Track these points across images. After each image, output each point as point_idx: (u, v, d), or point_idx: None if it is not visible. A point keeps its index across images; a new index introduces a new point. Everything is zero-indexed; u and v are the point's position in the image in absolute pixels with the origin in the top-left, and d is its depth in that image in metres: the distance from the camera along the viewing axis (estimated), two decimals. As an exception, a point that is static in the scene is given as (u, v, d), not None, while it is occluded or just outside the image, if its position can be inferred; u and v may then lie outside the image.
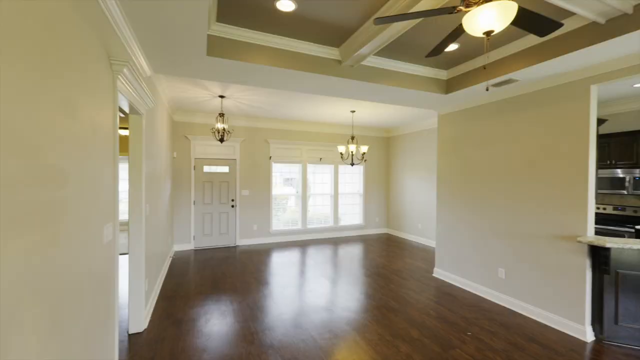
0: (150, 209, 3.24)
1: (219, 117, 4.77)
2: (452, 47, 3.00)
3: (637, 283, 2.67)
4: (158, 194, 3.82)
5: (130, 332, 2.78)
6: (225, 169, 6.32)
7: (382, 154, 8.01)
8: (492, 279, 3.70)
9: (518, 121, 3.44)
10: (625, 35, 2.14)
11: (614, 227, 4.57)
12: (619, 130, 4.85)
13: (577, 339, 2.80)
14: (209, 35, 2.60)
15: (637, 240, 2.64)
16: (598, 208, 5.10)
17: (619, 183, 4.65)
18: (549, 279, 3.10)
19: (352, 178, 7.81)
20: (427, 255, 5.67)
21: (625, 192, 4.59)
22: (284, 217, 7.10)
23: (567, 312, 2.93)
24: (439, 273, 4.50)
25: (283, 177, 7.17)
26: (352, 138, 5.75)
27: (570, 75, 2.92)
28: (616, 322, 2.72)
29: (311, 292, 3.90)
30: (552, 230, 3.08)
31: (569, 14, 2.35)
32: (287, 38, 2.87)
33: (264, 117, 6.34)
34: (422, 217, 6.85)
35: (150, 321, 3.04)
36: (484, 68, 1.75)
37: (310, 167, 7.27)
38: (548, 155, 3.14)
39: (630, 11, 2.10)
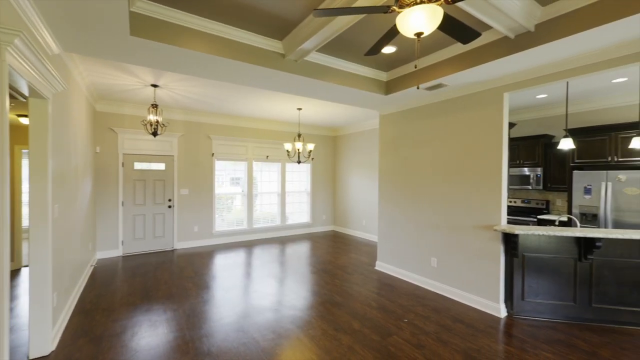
0: (61, 211, 2.78)
1: (151, 109, 4.32)
2: (390, 49, 3.16)
3: (538, 264, 3.13)
4: (73, 194, 3.30)
5: (31, 358, 2.33)
6: (160, 166, 5.78)
7: (329, 152, 8.16)
8: (426, 268, 4.01)
9: (447, 123, 3.78)
10: (529, 50, 2.48)
11: (522, 218, 5.33)
12: (525, 135, 5.67)
13: (493, 315, 3.18)
14: (133, 13, 2.32)
15: (538, 227, 3.10)
16: (510, 201, 5.90)
17: (526, 180, 5.43)
18: (472, 264, 3.46)
19: (300, 176, 7.80)
20: (370, 250, 5.93)
21: (530, 187, 5.38)
22: (229, 217, 6.77)
23: (486, 293, 3.31)
24: (380, 266, 4.72)
25: (229, 176, 6.82)
26: (299, 136, 5.73)
27: (489, 83, 3.30)
28: (523, 298, 3.16)
29: (256, 293, 3.77)
30: (475, 221, 3.45)
31: (487, 27, 2.64)
32: (227, 25, 2.71)
33: (206, 111, 5.96)
34: (366, 214, 7.15)
35: (61, 341, 2.60)
36: (415, 67, 1.85)
37: (257, 165, 7.06)
38: (471, 155, 3.50)
39: (532, 29, 2.43)
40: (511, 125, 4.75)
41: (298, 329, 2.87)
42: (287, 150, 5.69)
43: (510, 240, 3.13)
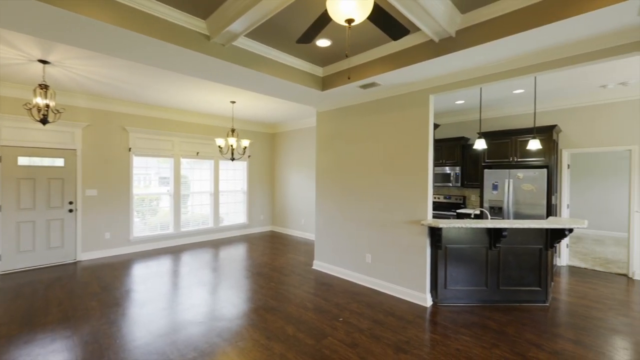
0: None
1: (39, 90, 3.49)
2: (325, 42, 3.08)
3: (458, 254, 3.41)
4: None
5: None
6: (58, 161, 4.78)
7: (267, 150, 7.86)
8: (361, 264, 4.07)
9: (380, 122, 3.89)
10: (451, 54, 2.65)
11: (444, 212, 5.86)
12: (447, 137, 6.25)
13: (421, 305, 3.36)
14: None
15: (458, 220, 3.37)
16: (435, 197, 6.46)
17: (447, 178, 5.99)
18: (403, 258, 3.62)
19: (235, 175, 7.33)
20: (309, 249, 5.85)
21: (450, 184, 5.95)
22: (153, 221, 5.97)
23: (415, 284, 3.48)
24: (318, 265, 4.66)
25: (158, 175, 6.01)
26: (233, 131, 5.33)
27: (417, 85, 3.47)
28: (445, 287, 3.41)
29: (180, 305, 3.33)
30: (405, 217, 3.60)
31: (416, 29, 2.74)
32: (135, -7, 2.28)
33: (120, 99, 5.13)
34: (305, 213, 7.06)
35: None
36: (346, 55, 1.76)
37: (187, 163, 6.40)
38: (402, 153, 3.66)
39: (454, 35, 2.59)
40: (436, 126, 5.15)
41: (225, 343, 2.59)
42: (220, 147, 5.24)
43: (435, 234, 3.34)
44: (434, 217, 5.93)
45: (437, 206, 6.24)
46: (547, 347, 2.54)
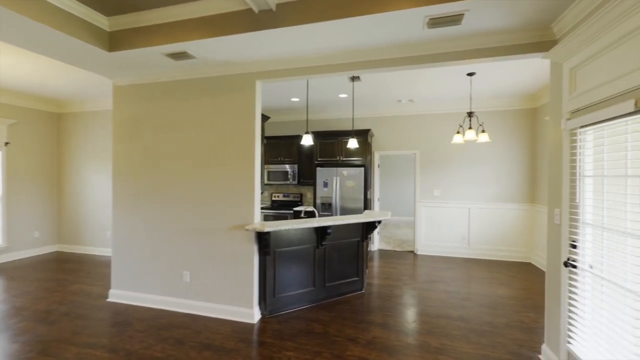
0: None
1: None
2: (98, -28, 2.05)
3: (287, 257, 3.16)
4: None
5: None
6: None
7: (48, 136, 5.44)
8: (177, 285, 3.20)
9: (203, 106, 3.15)
10: (271, 30, 2.27)
11: (283, 211, 5.76)
12: (286, 134, 6.20)
13: (247, 323, 2.90)
14: None
15: (286, 221, 3.12)
16: (275, 196, 6.30)
17: (286, 175, 5.93)
18: (227, 271, 3.04)
19: (-25, 171, 4.62)
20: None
21: (289, 182, 5.92)
22: None
23: (241, 300, 2.98)
24: (116, 295, 3.40)
25: None
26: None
27: (242, 66, 2.97)
28: (274, 295, 3.09)
29: None
30: (231, 222, 3.04)
31: (230, -11, 2.20)
32: None
33: None
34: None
35: None
36: None
37: None
38: (227, 146, 3.07)
39: (274, 8, 2.23)
40: (265, 117, 4.85)
41: None
42: None
43: (262, 239, 2.95)
44: (274, 217, 5.73)
45: (277, 205, 6.10)
46: (362, 339, 2.61)
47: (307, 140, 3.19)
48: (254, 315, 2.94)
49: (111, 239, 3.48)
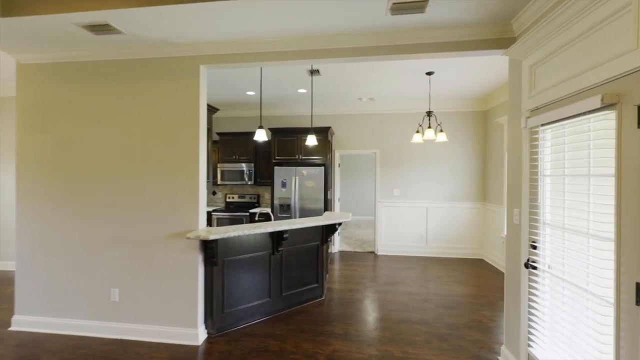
0: None
1: None
2: None
3: (238, 266, 2.82)
4: None
5: None
6: None
7: None
8: (103, 305, 2.68)
9: (136, 93, 2.67)
10: (212, 3, 1.92)
11: (239, 213, 5.33)
12: (241, 131, 5.77)
13: (190, 346, 2.50)
14: None
15: (236, 227, 2.78)
16: (230, 197, 5.84)
17: (241, 175, 5.51)
18: (166, 287, 2.60)
19: None
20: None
21: (244, 182, 5.51)
22: None
23: (183, 319, 2.57)
24: (21, 322, 2.76)
25: None
26: None
27: (184, 48, 2.56)
28: (223, 311, 2.73)
29: None
30: (171, 229, 2.61)
31: (161, -51, 1.81)
32: None
33: None
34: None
35: None
36: None
37: None
38: (165, 141, 2.63)
39: (216, -23, 1.89)
40: (213, 109, 4.38)
41: None
42: None
43: (208, 247, 2.57)
44: (229, 221, 5.28)
45: (233, 207, 5.64)
46: (322, 355, 2.38)
47: (261, 136, 2.87)
48: (199, 335, 2.55)
49: (16, 252, 2.82)
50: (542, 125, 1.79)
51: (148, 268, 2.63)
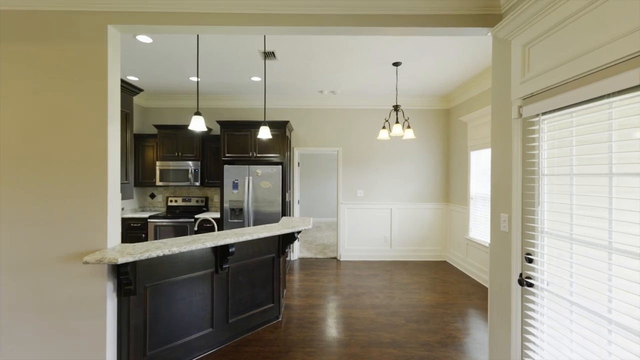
0: None
1: None
2: None
3: (167, 292, 2.18)
4: None
5: None
6: None
7: None
8: (-43, 363, 1.86)
9: (12, 59, 1.89)
10: None
11: (183, 219, 4.56)
12: (185, 124, 4.99)
13: (93, 411, 1.82)
14: None
15: (164, 242, 2.14)
16: (171, 201, 5.02)
17: (186, 175, 4.74)
18: (58, 331, 1.88)
19: None
20: None
21: (190, 183, 4.75)
22: None
23: (84, 372, 1.88)
24: None
25: None
26: None
27: (85, 0, 1.86)
28: (145, 354, 2.07)
29: None
30: (66, 248, 1.89)
31: None
32: None
33: None
34: None
35: None
36: None
37: None
38: (57, 128, 1.90)
39: None
40: (134, 89, 3.63)
41: None
42: None
43: (122, 272, 1.90)
44: (170, 229, 4.48)
45: (177, 212, 4.83)
46: (275, 403, 1.87)
47: (198, 125, 2.25)
48: (106, 393, 1.87)
49: None
50: (544, 113, 1.49)
51: (30, 305, 1.88)
